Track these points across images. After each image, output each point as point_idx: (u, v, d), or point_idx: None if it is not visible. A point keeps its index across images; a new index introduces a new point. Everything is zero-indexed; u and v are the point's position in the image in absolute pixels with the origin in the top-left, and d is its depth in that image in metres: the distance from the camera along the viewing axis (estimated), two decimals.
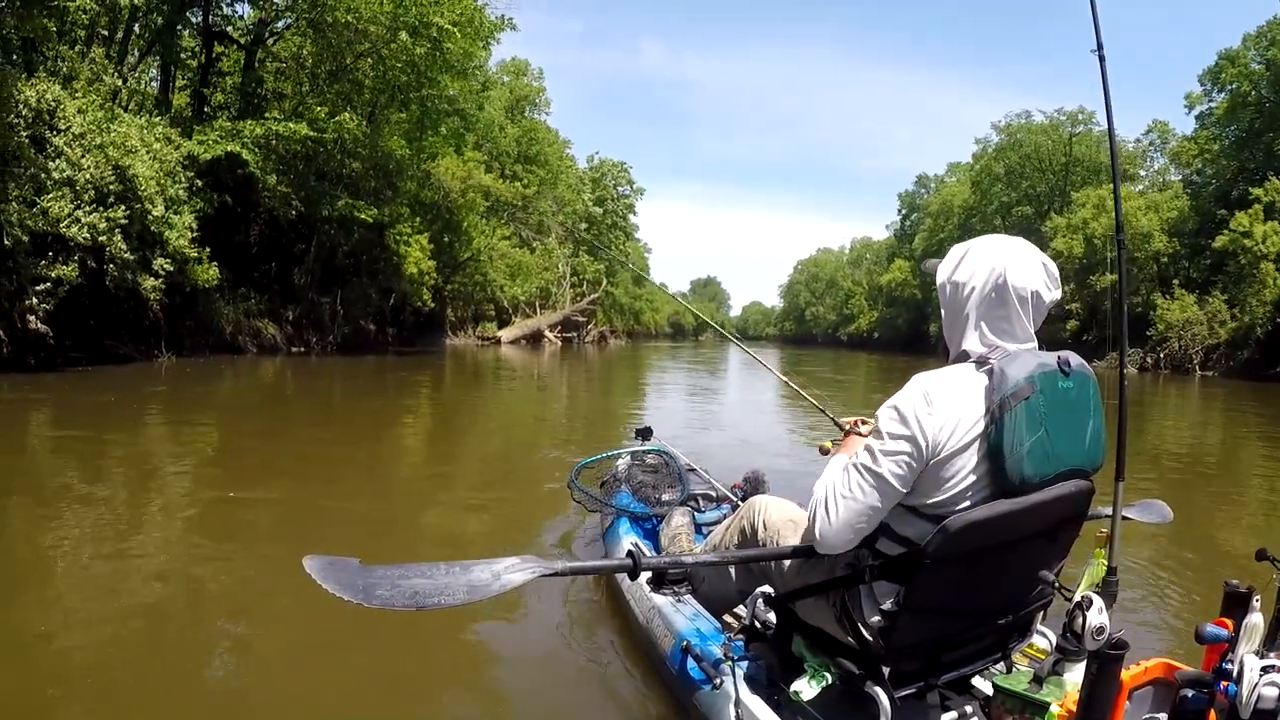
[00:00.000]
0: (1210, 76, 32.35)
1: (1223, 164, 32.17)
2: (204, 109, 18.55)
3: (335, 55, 18.86)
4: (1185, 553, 3.96)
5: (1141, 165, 42.01)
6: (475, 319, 34.47)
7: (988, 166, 48.76)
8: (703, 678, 1.93)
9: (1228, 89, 31.53)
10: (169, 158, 14.08)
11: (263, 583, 3.26)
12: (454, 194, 25.86)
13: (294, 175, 18.39)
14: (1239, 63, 30.87)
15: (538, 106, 44.50)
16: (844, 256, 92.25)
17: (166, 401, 9.94)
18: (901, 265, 61.85)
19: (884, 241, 74.81)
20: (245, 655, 2.61)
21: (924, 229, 58.15)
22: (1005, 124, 48.26)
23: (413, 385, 14.24)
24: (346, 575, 1.32)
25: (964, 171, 51.76)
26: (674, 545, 2.71)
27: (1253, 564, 1.57)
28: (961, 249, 1.64)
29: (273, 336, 19.19)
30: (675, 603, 2.28)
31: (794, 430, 9.19)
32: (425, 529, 4.40)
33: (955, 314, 1.61)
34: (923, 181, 66.52)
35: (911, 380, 1.53)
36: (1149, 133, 40.74)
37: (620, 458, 3.65)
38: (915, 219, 64.64)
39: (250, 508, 4.56)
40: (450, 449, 7.63)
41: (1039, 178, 46.86)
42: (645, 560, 1.62)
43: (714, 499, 3.31)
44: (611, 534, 3.13)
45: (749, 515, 2.07)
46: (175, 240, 13.66)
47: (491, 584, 1.37)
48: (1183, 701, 1.37)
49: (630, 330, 64.96)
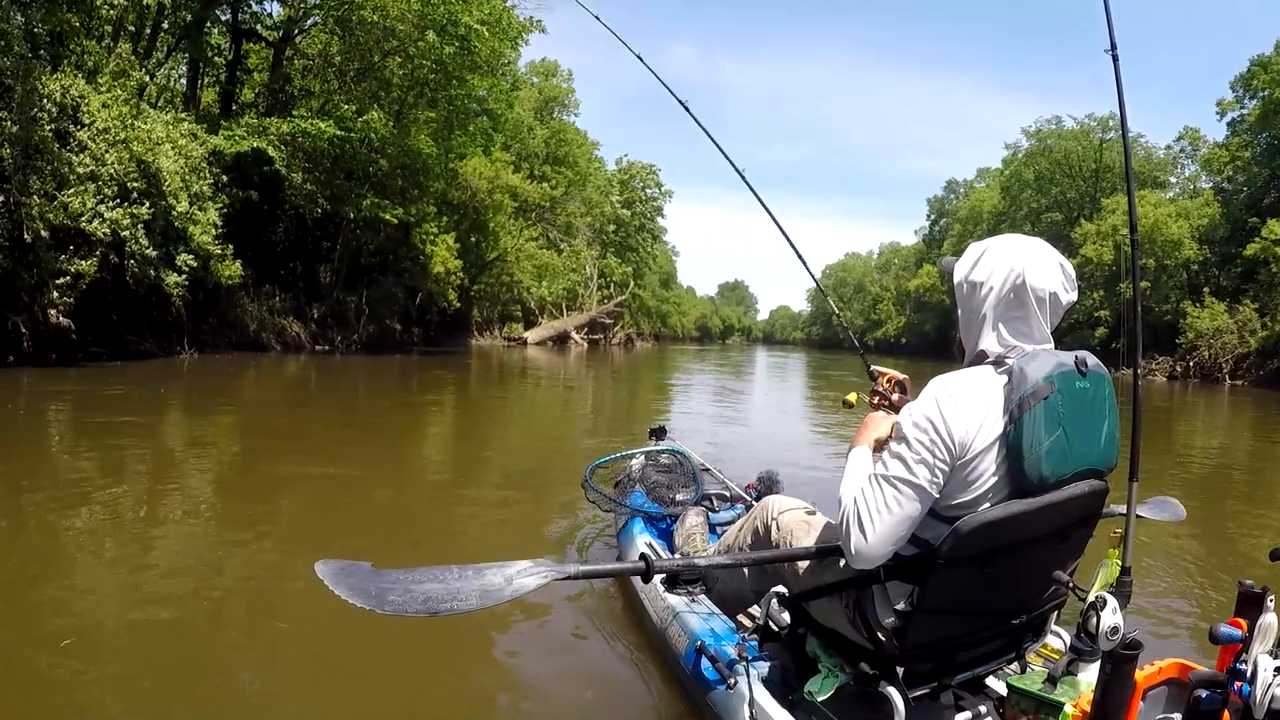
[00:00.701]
0: (1242, 83, 31.88)
1: (1254, 171, 31.66)
2: (231, 106, 18.91)
3: (363, 54, 19.13)
4: (1199, 553, 3.95)
5: (1172, 172, 41.35)
6: (501, 320, 34.73)
7: (1018, 172, 48.36)
8: (717, 678, 1.94)
9: (1260, 95, 31.01)
10: (194, 153, 14.20)
11: (279, 580, 3.30)
12: (481, 194, 26.10)
13: (320, 173, 18.66)
14: (1271, 69, 30.34)
15: (566, 108, 44.89)
16: (872, 261, 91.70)
17: (187, 398, 10.10)
18: (930, 271, 61.39)
19: (912, 247, 74.31)
20: (263, 652, 2.64)
21: (953, 234, 57.72)
22: (1036, 129, 47.85)
23: (436, 385, 14.36)
24: (359, 581, 1.33)
25: (994, 177, 51.23)
26: (688, 545, 2.73)
27: (1267, 564, 1.56)
28: (979, 248, 1.64)
29: (297, 334, 19.45)
30: (689, 603, 2.30)
31: (816, 428, 9.17)
32: (441, 529, 4.44)
33: (973, 313, 1.62)
34: (952, 187, 66.14)
35: (930, 384, 1.54)
36: (1180, 139, 40.19)
37: (634, 458, 3.68)
38: (944, 224, 64.19)
39: (269, 504, 4.63)
40: (471, 450, 7.67)
41: (1069, 184, 46.33)
42: (658, 563, 1.62)
43: (728, 499, 3.33)
44: (625, 534, 3.16)
45: (762, 515, 2.09)
46: (199, 236, 13.77)
47: (504, 589, 1.38)
48: (1197, 702, 1.37)
49: (657, 333, 65.08)
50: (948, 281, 1.70)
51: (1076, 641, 1.53)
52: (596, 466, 3.47)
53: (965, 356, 1.65)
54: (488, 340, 32.13)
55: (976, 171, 61.34)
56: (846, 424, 10.65)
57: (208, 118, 17.10)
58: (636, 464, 3.61)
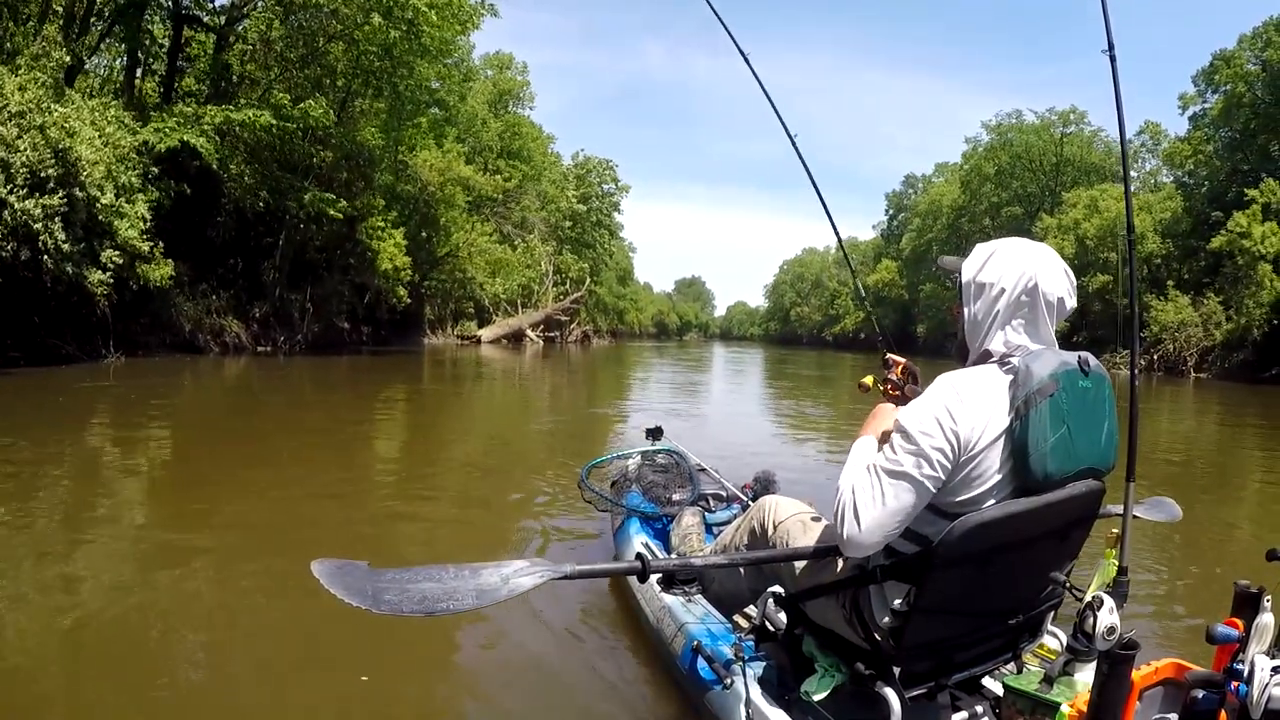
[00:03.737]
0: (1205, 77, 32.87)
1: (1216, 165, 32.66)
2: (171, 95, 18.27)
3: (306, 38, 18.66)
4: (1196, 553, 4.04)
5: (1133, 166, 42.67)
6: (455, 317, 34.32)
7: (978, 166, 49.38)
8: (713, 678, 1.98)
9: (1222, 89, 32.00)
10: (123, 142, 13.65)
11: (253, 590, 3.24)
12: (432, 186, 25.70)
13: (260, 165, 18.13)
14: (1234, 64, 31.33)
15: (522, 101, 44.60)
16: (830, 256, 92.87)
17: (115, 404, 9.58)
18: (889, 265, 62.44)
19: (871, 242, 75.45)
20: (241, 664, 2.60)
21: (912, 229, 58.77)
22: (996, 124, 48.95)
23: (386, 387, 14.12)
24: (355, 580, 1.33)
25: (952, 172, 52.40)
26: (684, 545, 2.78)
27: (1263, 564, 1.61)
28: (987, 249, 1.68)
29: (237, 335, 18.93)
30: (686, 603, 2.34)
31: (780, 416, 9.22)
32: (389, 538, 4.35)
33: (981, 314, 1.65)
34: (910, 182, 67.38)
35: (937, 381, 1.57)
36: (1141, 134, 41.56)
37: (631, 457, 3.74)
38: (902, 219, 65.29)
39: (207, 517, 4.43)
40: (423, 455, 7.45)
41: (1029, 178, 47.52)
42: (655, 562, 1.64)
43: (724, 499, 3.39)
44: (622, 533, 3.21)
45: (759, 515, 2.11)
46: (125, 231, 13.19)
47: (500, 588, 1.40)
48: (1193, 702, 1.39)
49: (614, 330, 64.99)
50: (944, 279, 1.72)
51: (1073, 641, 1.57)
52: (593, 466, 3.55)
53: (969, 356, 1.68)
54: (441, 339, 31.76)
55: (935, 166, 62.58)
56: (807, 416, 10.79)
57: (140, 106, 16.48)
58: (633, 464, 3.67)
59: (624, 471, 3.62)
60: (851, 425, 10.98)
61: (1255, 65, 30.87)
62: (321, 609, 2.82)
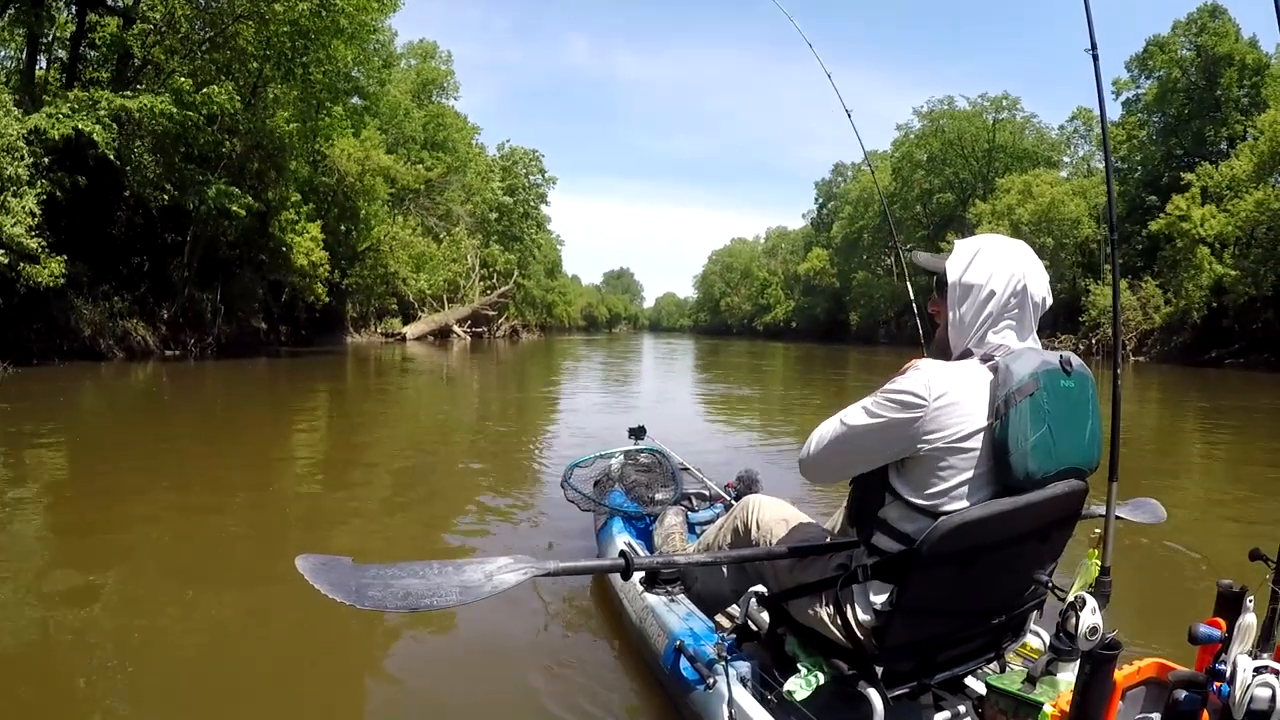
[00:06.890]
0: (1138, 63, 34.19)
1: (1150, 150, 34.03)
2: (73, 83, 17.11)
3: (213, 19, 17.73)
4: (1178, 553, 4.09)
5: (1066, 152, 44.42)
6: (379, 315, 33.52)
7: (909, 153, 50.43)
8: (696, 678, 1.99)
9: (1156, 75, 33.23)
10: (9, 131, 12.84)
11: (166, 623, 3.04)
12: (351, 177, 24.92)
13: (164, 156, 17.17)
14: (1169, 49, 32.54)
15: (446, 91, 43.82)
16: (759, 246, 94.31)
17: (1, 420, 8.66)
18: (819, 254, 63.64)
19: (800, 231, 76.89)
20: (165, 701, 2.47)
21: (843, 217, 59.90)
22: (928, 110, 50.10)
23: (306, 390, 13.67)
24: (339, 576, 1.35)
25: (882, 160, 53.73)
26: (667, 544, 2.81)
27: (1246, 564, 1.66)
28: (970, 248, 1.70)
29: (143, 339, 18.01)
30: (668, 602, 2.36)
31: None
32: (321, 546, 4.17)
33: (970, 315, 1.67)
34: (840, 170, 68.68)
35: (914, 361, 1.61)
36: (1073, 119, 43.29)
37: (614, 457, 3.75)
38: (833, 208, 66.61)
39: (110, 547, 4.12)
40: (344, 457, 7.16)
41: (962, 164, 48.79)
42: (638, 560, 1.67)
43: (707, 498, 3.43)
44: (605, 533, 3.23)
45: (742, 514, 2.14)
46: (10, 228, 12.42)
47: (484, 585, 1.41)
48: (1176, 702, 1.42)
49: (543, 324, 64.57)
50: (921, 276, 1.73)
51: (1056, 641, 1.60)
52: (576, 466, 3.57)
53: (952, 354, 1.70)
54: (364, 337, 31.03)
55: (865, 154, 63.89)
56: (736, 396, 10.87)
57: (30, 91, 15.42)
58: (616, 463, 3.69)
59: (607, 471, 3.64)
60: (764, 408, 11.25)
61: (1190, 51, 32.10)
62: (253, 631, 2.87)
